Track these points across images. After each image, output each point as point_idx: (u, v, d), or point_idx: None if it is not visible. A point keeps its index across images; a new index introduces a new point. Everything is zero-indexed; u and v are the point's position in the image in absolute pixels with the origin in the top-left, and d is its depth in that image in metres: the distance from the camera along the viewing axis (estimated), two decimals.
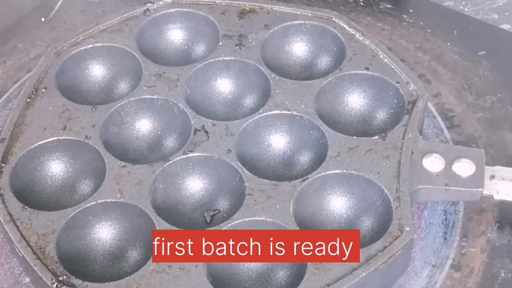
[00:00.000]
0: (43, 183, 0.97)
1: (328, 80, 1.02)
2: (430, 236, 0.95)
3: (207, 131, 0.97)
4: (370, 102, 1.03)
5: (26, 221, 0.90)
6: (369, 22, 1.22)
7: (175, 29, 1.12)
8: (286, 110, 0.99)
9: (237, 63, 1.05)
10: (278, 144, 1.00)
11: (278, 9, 1.10)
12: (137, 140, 1.02)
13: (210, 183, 0.96)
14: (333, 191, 0.94)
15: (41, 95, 1.02)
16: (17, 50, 1.20)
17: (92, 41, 1.08)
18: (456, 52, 1.17)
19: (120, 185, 0.92)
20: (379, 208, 0.92)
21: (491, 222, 0.97)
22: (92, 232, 0.92)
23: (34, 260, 0.86)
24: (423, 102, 0.98)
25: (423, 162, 0.93)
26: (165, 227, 0.89)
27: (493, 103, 1.09)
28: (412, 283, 0.91)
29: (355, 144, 0.95)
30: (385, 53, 1.04)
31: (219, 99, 1.06)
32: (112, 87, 1.08)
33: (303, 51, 1.10)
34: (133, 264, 0.91)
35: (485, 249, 0.94)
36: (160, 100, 1.01)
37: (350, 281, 0.84)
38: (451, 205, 0.98)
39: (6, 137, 0.96)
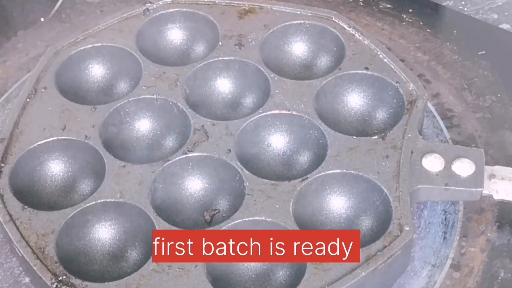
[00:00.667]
0: (43, 183, 0.97)
1: (328, 80, 1.02)
2: (429, 236, 0.95)
3: (206, 131, 0.97)
4: (369, 102, 1.03)
5: (26, 221, 0.90)
6: (369, 22, 1.22)
7: (175, 29, 1.12)
8: (286, 110, 0.99)
9: (237, 63, 1.05)
10: (277, 144, 1.00)
11: (277, 9, 1.10)
12: (137, 140, 1.02)
13: (209, 183, 0.96)
14: (332, 191, 0.94)
15: (41, 95, 1.02)
16: (17, 50, 1.20)
17: (92, 41, 1.08)
18: (456, 52, 1.17)
19: (120, 185, 0.92)
20: (379, 208, 0.92)
21: (491, 222, 0.97)
22: (91, 232, 0.92)
23: (33, 260, 0.86)
24: (422, 102, 0.98)
25: (423, 162, 0.93)
26: (165, 227, 0.89)
27: (493, 103, 1.09)
28: (412, 283, 0.91)
29: (355, 144, 0.95)
30: (385, 53, 1.04)
31: (218, 99, 1.06)
32: (111, 87, 1.08)
33: (303, 51, 1.10)
34: (133, 264, 0.91)
35: (484, 249, 0.94)
36: (159, 100, 1.01)
37: (350, 281, 0.84)
38: (451, 205, 0.98)
39: (6, 137, 0.96)
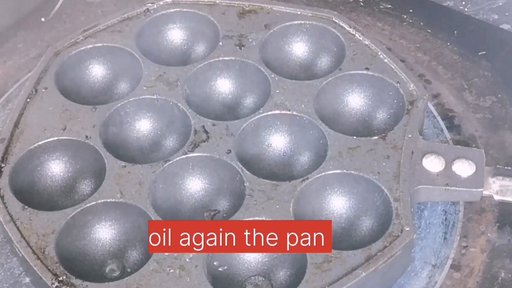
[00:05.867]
0: (43, 183, 0.97)
1: (328, 80, 1.02)
2: (430, 236, 0.95)
3: (207, 131, 0.97)
4: (370, 102, 1.03)
5: (26, 221, 0.90)
6: (369, 22, 1.22)
7: (175, 29, 1.12)
8: (286, 110, 0.99)
9: (237, 63, 1.05)
10: (278, 144, 1.00)
11: (278, 9, 1.10)
12: (137, 140, 1.02)
13: (210, 183, 0.96)
14: (333, 191, 0.94)
15: (41, 95, 1.02)
16: (17, 50, 1.20)
17: (92, 41, 1.08)
18: (456, 52, 1.17)
19: (120, 185, 0.92)
20: (379, 208, 0.92)
21: (491, 222, 0.97)
22: (92, 232, 0.92)
23: (34, 260, 0.86)
24: (423, 102, 0.98)
25: (423, 162, 0.93)
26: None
27: (493, 103, 1.09)
28: (412, 283, 0.91)
29: (355, 144, 0.95)
30: (385, 53, 1.04)
31: (219, 99, 1.06)
32: (112, 87, 1.08)
33: (303, 51, 1.10)
34: (133, 264, 0.91)
35: (485, 249, 0.94)
36: (160, 100, 1.01)
37: (350, 281, 0.84)
38: (451, 205, 0.98)
39: (6, 137, 0.96)
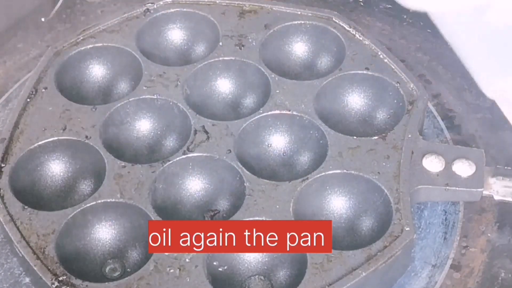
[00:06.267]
0: (43, 183, 0.97)
1: (328, 80, 1.02)
2: (430, 236, 0.95)
3: (207, 131, 0.97)
4: (370, 102, 1.03)
5: (26, 221, 0.90)
6: (370, 22, 1.22)
7: (175, 29, 1.12)
8: (286, 110, 0.99)
9: (237, 63, 1.05)
10: (278, 144, 1.00)
11: (278, 9, 1.10)
12: (137, 140, 1.02)
13: (210, 183, 0.96)
14: (333, 191, 0.94)
15: (41, 95, 1.02)
16: (17, 50, 1.20)
17: (92, 41, 1.08)
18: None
19: (120, 185, 0.92)
20: (379, 208, 0.92)
21: (491, 222, 0.97)
22: (92, 232, 0.92)
23: (34, 260, 0.86)
24: (423, 102, 0.98)
25: (423, 162, 0.93)
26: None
27: (493, 103, 1.09)
28: (412, 283, 0.91)
29: (355, 144, 0.95)
30: (385, 53, 1.04)
31: (219, 99, 1.06)
32: (112, 87, 1.08)
33: (303, 51, 1.10)
34: (133, 264, 0.91)
35: (485, 249, 0.94)
36: (160, 100, 1.01)
37: (350, 281, 0.84)
38: (451, 205, 0.98)
39: (6, 137, 0.96)
